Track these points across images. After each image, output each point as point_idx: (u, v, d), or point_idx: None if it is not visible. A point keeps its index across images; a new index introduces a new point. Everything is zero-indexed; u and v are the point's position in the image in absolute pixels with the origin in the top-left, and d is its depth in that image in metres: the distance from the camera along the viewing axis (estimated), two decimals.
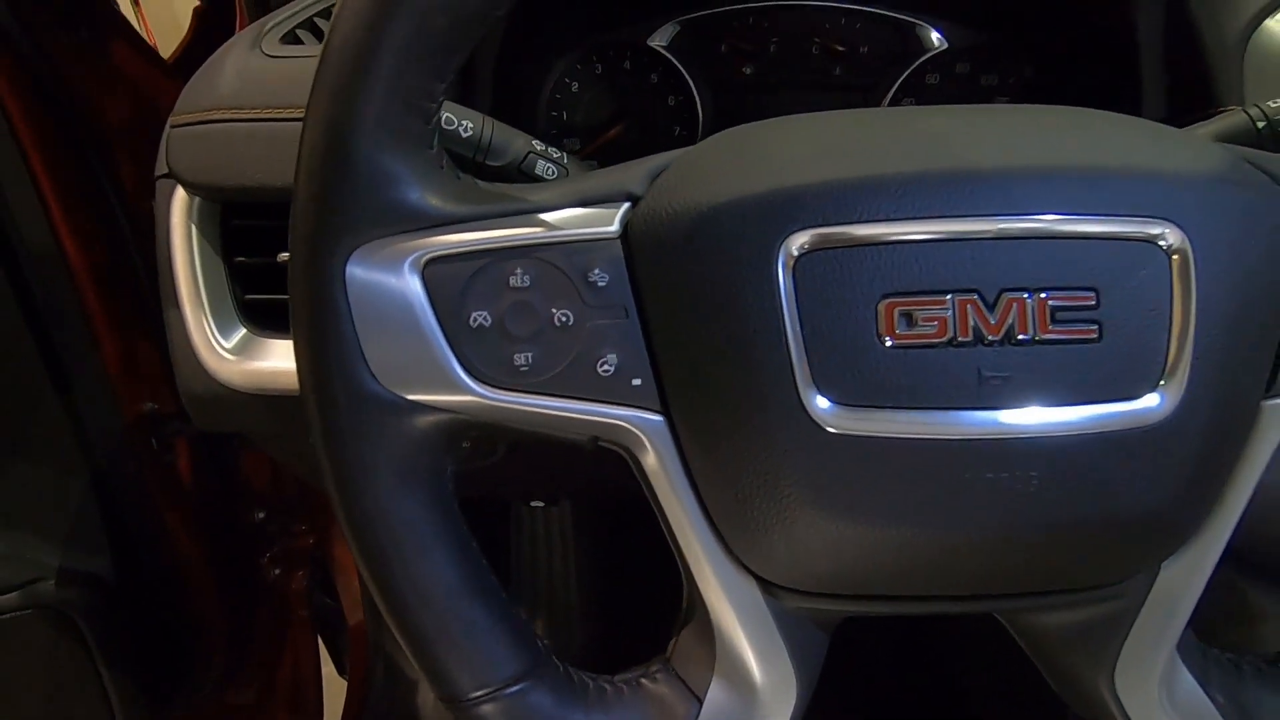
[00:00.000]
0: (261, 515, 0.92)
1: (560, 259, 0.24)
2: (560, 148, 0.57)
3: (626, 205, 0.25)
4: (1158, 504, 0.24)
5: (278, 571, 0.94)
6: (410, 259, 0.23)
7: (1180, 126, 0.33)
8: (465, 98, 0.44)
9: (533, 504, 0.82)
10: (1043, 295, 0.23)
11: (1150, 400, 0.23)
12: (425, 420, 0.24)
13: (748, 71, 0.54)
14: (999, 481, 0.24)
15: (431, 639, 0.25)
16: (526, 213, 0.24)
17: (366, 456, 0.24)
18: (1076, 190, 0.23)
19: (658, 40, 0.53)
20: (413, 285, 0.23)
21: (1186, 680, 0.27)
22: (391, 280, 0.23)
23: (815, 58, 0.54)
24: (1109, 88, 0.47)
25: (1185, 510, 0.25)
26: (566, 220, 0.25)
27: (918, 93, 0.54)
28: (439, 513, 0.25)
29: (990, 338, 0.23)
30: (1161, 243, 0.23)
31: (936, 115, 0.26)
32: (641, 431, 0.25)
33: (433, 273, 0.24)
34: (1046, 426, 0.23)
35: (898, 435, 0.23)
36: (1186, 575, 0.27)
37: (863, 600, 0.27)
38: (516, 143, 0.34)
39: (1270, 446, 0.26)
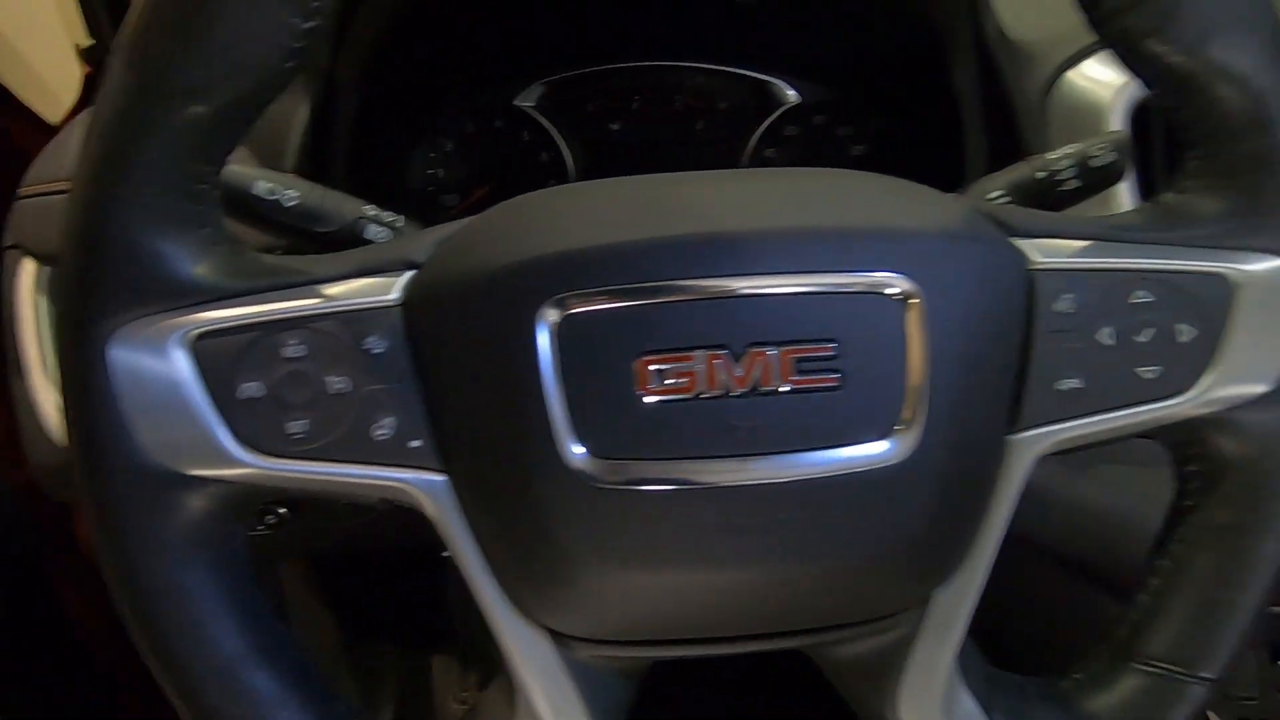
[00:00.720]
0: None
1: (336, 328, 0.25)
2: (438, 205, 0.59)
3: (409, 273, 0.26)
4: (910, 538, 0.26)
5: None
6: (176, 335, 0.24)
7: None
8: (319, 160, 0.45)
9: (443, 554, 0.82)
10: (786, 348, 0.25)
11: (891, 442, 0.25)
12: (205, 492, 0.25)
13: (615, 128, 0.56)
14: (755, 525, 0.25)
15: (216, 708, 0.25)
16: (304, 284, 0.26)
17: (145, 531, 0.24)
18: (815, 248, 0.25)
19: (525, 100, 0.55)
20: (179, 362, 0.24)
21: (968, 704, 0.29)
22: (156, 358, 0.24)
23: (678, 114, 0.57)
24: (944, 139, 0.50)
25: (942, 542, 0.27)
26: (346, 290, 0.26)
27: (778, 143, 0.57)
28: (227, 582, 0.26)
29: (738, 390, 0.24)
30: (894, 295, 0.25)
31: (696, 182, 0.28)
32: (424, 492, 0.26)
33: (203, 347, 0.24)
34: (794, 471, 0.25)
35: (658, 485, 0.25)
36: (955, 602, 0.28)
37: (656, 645, 0.28)
38: (346, 208, 0.35)
39: (1022, 475, 0.27)
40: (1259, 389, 0.27)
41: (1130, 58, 0.27)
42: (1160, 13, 0.25)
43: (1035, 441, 0.27)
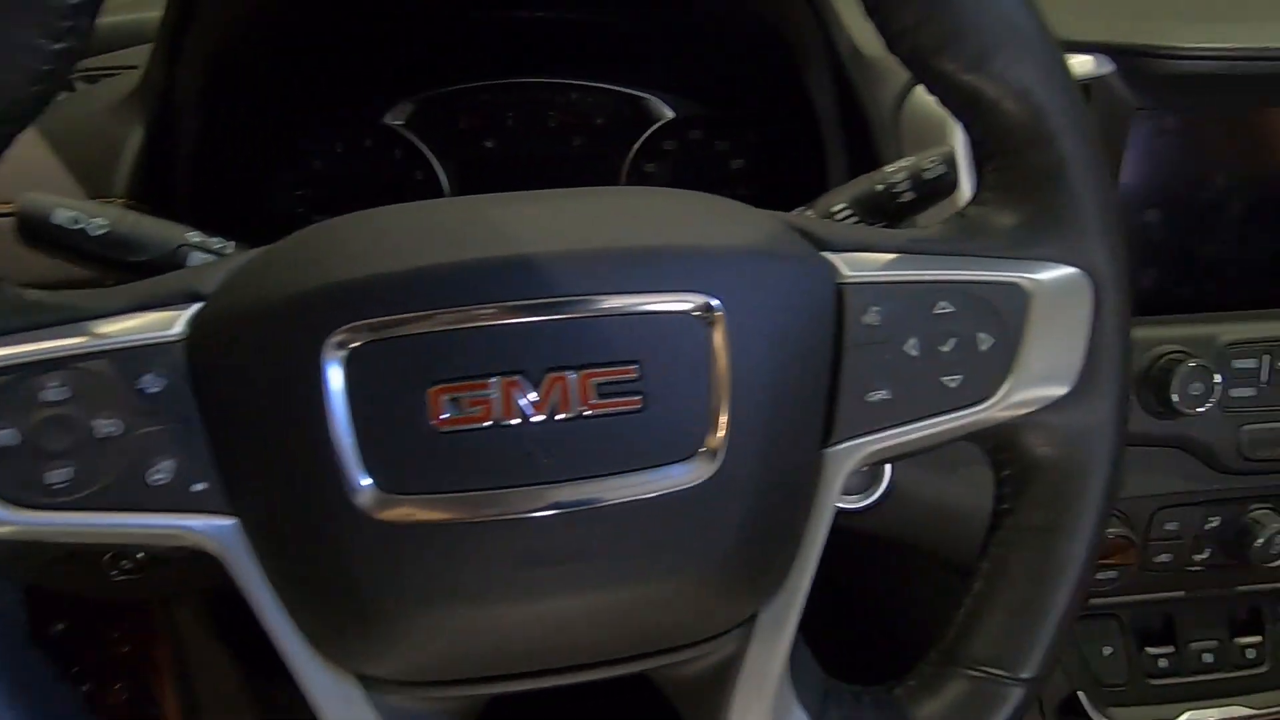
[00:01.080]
0: (60, 628, 0.85)
1: (105, 367, 0.24)
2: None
3: (195, 306, 0.25)
4: (726, 558, 0.26)
5: (88, 686, 0.86)
6: None
7: None
8: (156, 185, 0.43)
9: None
10: (585, 371, 0.24)
11: (697, 462, 0.25)
12: None
13: (490, 145, 0.56)
14: (559, 554, 0.24)
15: None
16: (71, 321, 0.24)
17: None
18: (615, 269, 0.25)
19: (395, 118, 0.54)
20: None
21: (799, 717, 0.29)
22: None
23: (554, 130, 0.56)
24: (809, 152, 0.51)
25: (761, 559, 0.27)
26: (122, 327, 0.24)
27: (657, 158, 0.58)
28: None
29: (536, 416, 0.24)
30: (696, 314, 0.25)
31: (503, 204, 0.27)
32: (211, 537, 0.24)
33: None
34: (599, 497, 0.24)
35: (458, 519, 0.24)
36: (779, 617, 0.28)
37: (475, 683, 0.27)
38: (165, 235, 0.33)
39: (838, 486, 0.28)
40: (1059, 391, 0.28)
41: (923, 75, 0.27)
42: (945, 31, 0.26)
43: (849, 454, 0.28)
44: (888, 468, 0.47)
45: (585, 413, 0.24)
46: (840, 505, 0.48)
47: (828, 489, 0.28)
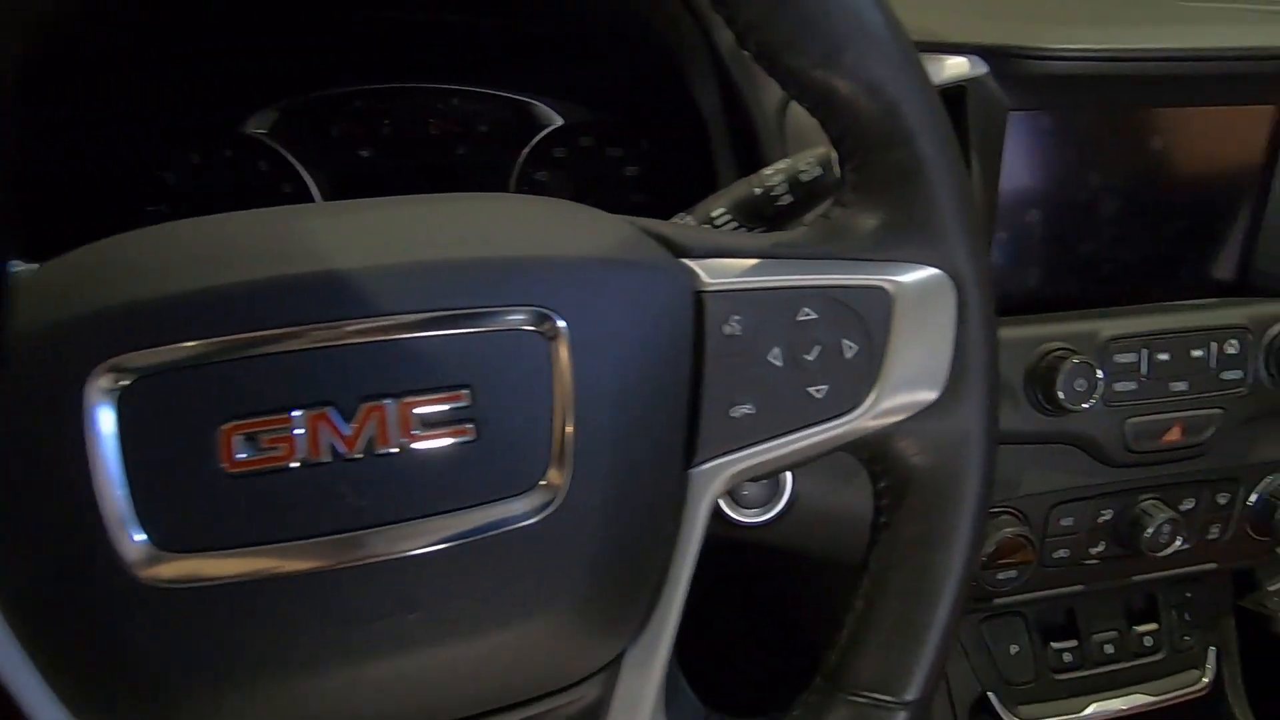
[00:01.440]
0: None
1: None
2: None
3: None
4: (579, 598, 0.24)
5: None
6: None
7: None
8: None
9: None
10: (407, 400, 0.22)
11: (538, 494, 0.23)
12: None
13: (366, 155, 0.52)
14: (384, 609, 0.22)
15: None
16: None
17: None
18: (441, 283, 0.22)
19: (257, 127, 0.50)
20: None
21: None
22: None
23: (436, 138, 0.53)
24: (701, 157, 0.50)
25: (619, 596, 0.25)
26: None
27: (548, 166, 0.55)
28: None
29: (350, 454, 0.21)
30: (535, 331, 0.23)
31: (311, 214, 0.24)
32: None
33: None
34: (427, 540, 0.22)
35: (256, 575, 0.21)
36: (646, 657, 0.26)
37: None
38: None
39: (705, 510, 0.26)
40: (929, 397, 0.26)
41: (775, 72, 0.26)
42: (791, 26, 0.25)
43: (714, 474, 0.26)
44: (789, 478, 0.46)
45: (410, 447, 0.22)
46: (741, 519, 0.47)
47: (693, 513, 0.26)
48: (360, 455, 0.21)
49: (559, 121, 0.54)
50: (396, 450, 0.21)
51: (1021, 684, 0.56)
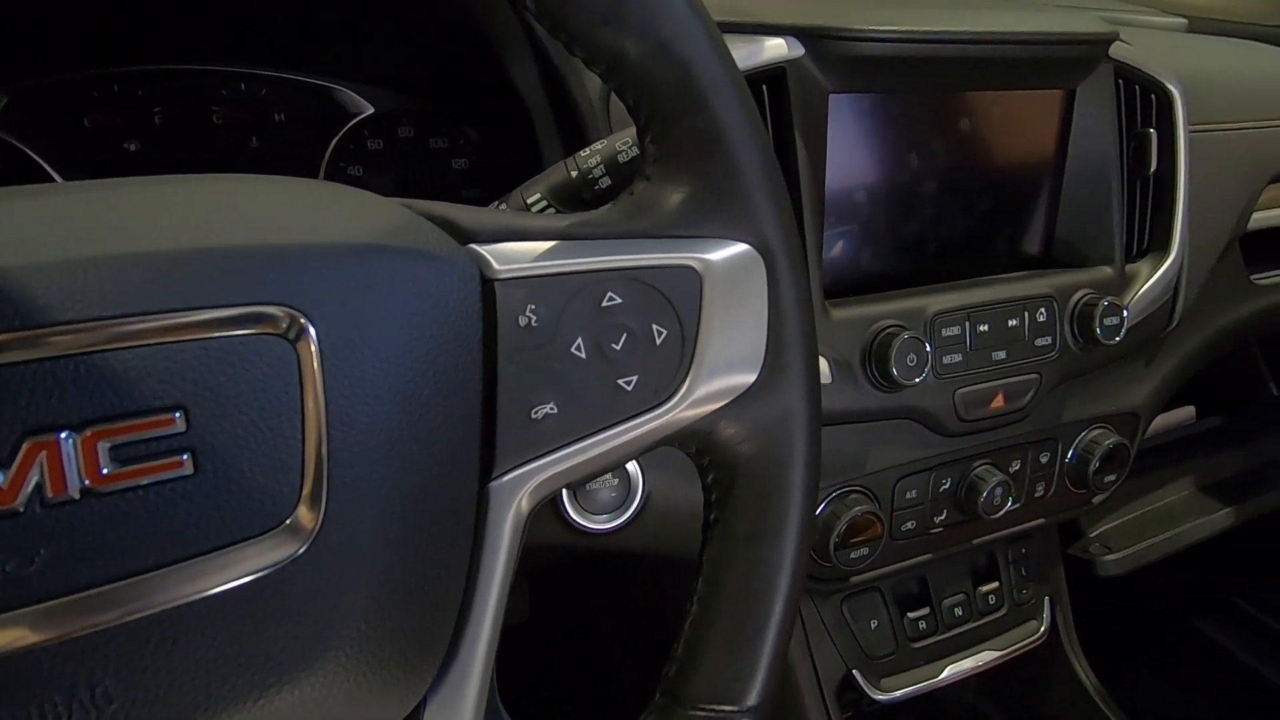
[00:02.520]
0: None
1: None
2: None
3: None
4: (346, 651, 0.20)
5: None
6: None
7: None
8: None
9: None
10: (95, 430, 0.17)
11: (282, 535, 0.19)
12: None
13: (132, 148, 0.45)
14: (76, 696, 0.17)
15: None
16: None
17: None
18: (141, 280, 0.18)
19: None
20: None
21: None
22: None
23: (222, 128, 0.47)
24: (529, 144, 0.47)
25: (407, 639, 0.21)
26: None
27: (361, 159, 0.50)
28: None
29: (9, 506, 0.16)
30: (273, 335, 0.19)
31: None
32: None
33: None
34: (125, 610, 0.17)
35: None
36: (452, 701, 0.23)
37: None
38: None
39: (512, 528, 0.23)
40: (747, 380, 0.25)
41: (560, 34, 0.23)
42: None
43: (518, 485, 0.23)
44: (640, 480, 0.44)
45: (100, 490, 0.17)
46: (592, 527, 0.44)
47: (497, 532, 0.22)
48: (25, 505, 0.16)
49: (369, 109, 0.49)
50: (80, 496, 0.17)
51: (883, 657, 0.57)
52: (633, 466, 0.43)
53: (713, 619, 0.26)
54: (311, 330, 0.19)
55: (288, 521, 0.18)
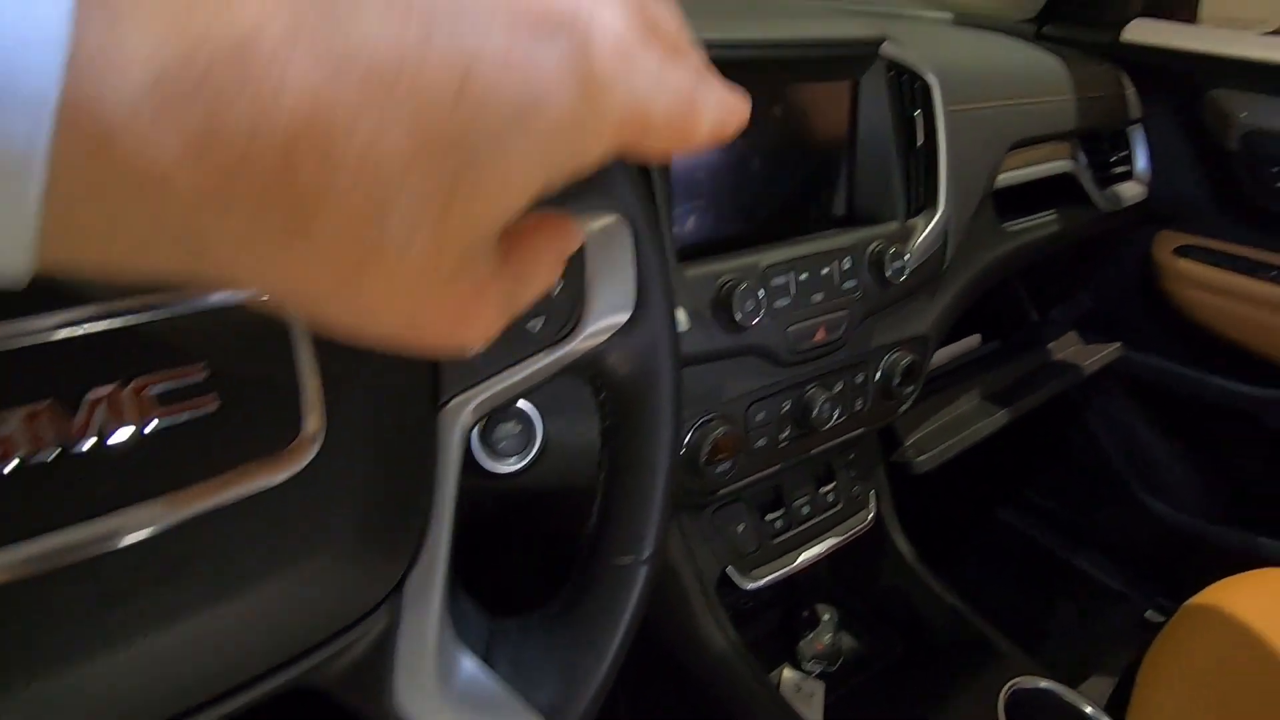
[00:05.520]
0: None
1: None
2: None
3: None
4: (350, 541, 0.26)
5: None
6: None
7: None
8: None
9: None
10: (136, 383, 0.22)
11: (299, 446, 0.25)
12: None
13: None
14: (148, 580, 0.22)
15: None
16: None
17: None
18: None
19: None
20: None
21: (467, 666, 0.31)
22: None
23: None
24: None
25: (388, 533, 0.28)
26: None
27: None
28: None
29: (79, 447, 0.21)
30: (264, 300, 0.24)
31: None
32: None
33: None
34: (176, 514, 0.22)
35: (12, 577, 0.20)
36: (425, 579, 0.30)
37: None
38: None
39: (458, 444, 0.30)
40: (623, 318, 0.33)
41: None
42: None
43: (460, 408, 0.30)
44: (539, 428, 0.52)
45: (147, 430, 0.22)
46: (501, 469, 0.51)
47: (447, 447, 0.30)
48: (92, 445, 0.21)
49: None
50: (134, 434, 0.22)
51: (750, 554, 0.69)
52: (534, 415, 0.51)
53: (615, 494, 0.34)
54: None
55: (293, 444, 0.24)
